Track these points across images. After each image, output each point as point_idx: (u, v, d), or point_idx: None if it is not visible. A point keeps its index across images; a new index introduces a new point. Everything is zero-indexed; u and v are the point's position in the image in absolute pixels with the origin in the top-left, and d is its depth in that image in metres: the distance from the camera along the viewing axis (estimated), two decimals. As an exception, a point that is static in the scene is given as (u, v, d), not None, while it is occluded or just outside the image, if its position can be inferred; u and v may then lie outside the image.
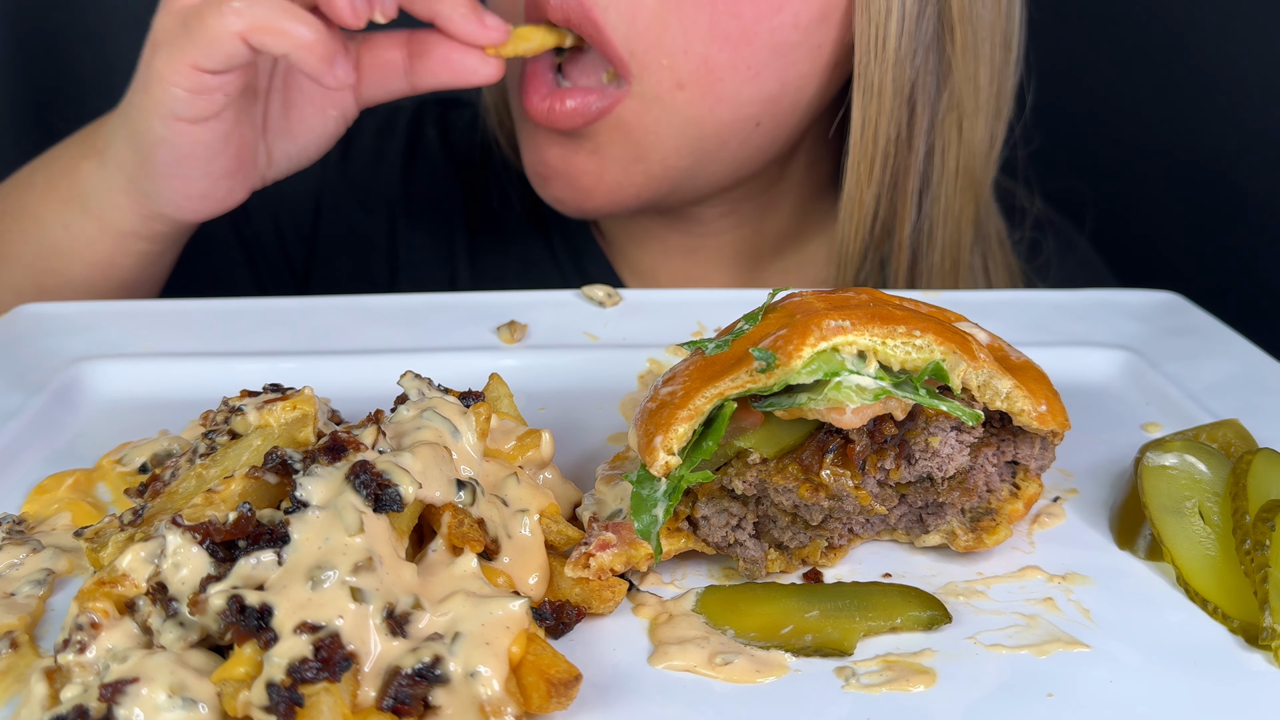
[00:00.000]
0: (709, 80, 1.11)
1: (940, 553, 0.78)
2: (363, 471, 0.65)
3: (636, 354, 1.03)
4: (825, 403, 0.70)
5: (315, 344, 1.04)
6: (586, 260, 1.44)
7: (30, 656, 0.66)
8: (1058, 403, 0.76)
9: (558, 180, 1.20)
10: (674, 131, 1.14)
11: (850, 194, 1.21)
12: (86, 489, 0.83)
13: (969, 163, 1.24)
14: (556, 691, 0.61)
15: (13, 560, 0.73)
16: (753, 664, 0.67)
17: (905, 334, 0.72)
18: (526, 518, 0.73)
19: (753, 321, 0.77)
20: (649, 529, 0.72)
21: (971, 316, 0.83)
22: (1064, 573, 0.76)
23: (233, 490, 0.69)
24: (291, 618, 0.59)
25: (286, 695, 0.56)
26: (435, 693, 0.60)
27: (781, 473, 0.73)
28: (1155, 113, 1.80)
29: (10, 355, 1.00)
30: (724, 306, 1.08)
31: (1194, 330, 1.12)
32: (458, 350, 1.03)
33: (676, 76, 1.11)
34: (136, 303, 1.10)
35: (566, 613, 0.70)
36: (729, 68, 1.11)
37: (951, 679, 0.66)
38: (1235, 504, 0.76)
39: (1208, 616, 0.72)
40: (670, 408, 0.72)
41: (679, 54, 1.09)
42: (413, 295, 1.13)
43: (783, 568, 0.75)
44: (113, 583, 0.63)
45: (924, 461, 0.73)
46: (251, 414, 0.78)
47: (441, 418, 0.74)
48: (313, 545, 0.62)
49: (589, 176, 1.18)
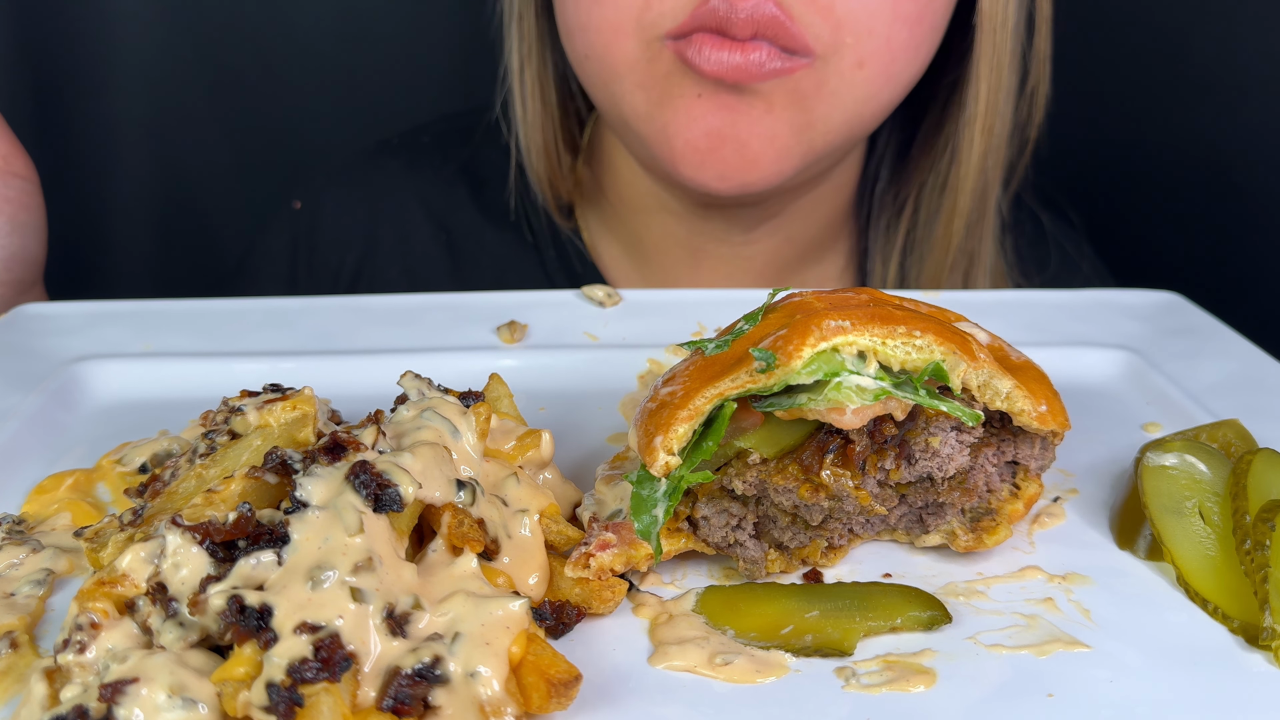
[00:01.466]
0: (888, 59, 1.13)
1: (940, 553, 0.78)
2: (363, 471, 0.65)
3: (636, 354, 1.03)
4: (825, 403, 0.70)
5: (315, 344, 1.04)
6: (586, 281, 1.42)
7: (30, 656, 0.66)
8: (1058, 403, 0.76)
9: (724, 148, 1.12)
10: (844, 107, 1.14)
11: (967, 160, 1.27)
12: (86, 489, 0.83)
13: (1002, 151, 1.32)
14: (556, 691, 0.61)
15: (13, 560, 0.73)
16: (753, 664, 0.67)
17: (905, 334, 0.72)
18: (526, 518, 0.73)
19: (753, 321, 0.77)
20: (649, 529, 0.72)
21: (971, 316, 0.83)
22: (1064, 573, 0.76)
23: (233, 490, 0.69)
24: (291, 618, 0.59)
25: (286, 695, 0.56)
26: (435, 693, 0.60)
27: (781, 473, 0.73)
28: (1155, 112, 1.80)
29: (10, 355, 1.00)
30: (724, 306, 1.08)
31: (1194, 330, 1.12)
32: (458, 350, 1.03)
33: (859, 55, 1.11)
34: (136, 302, 1.10)
35: (566, 613, 0.70)
36: (905, 48, 1.14)
37: (951, 679, 0.66)
38: (1235, 504, 0.76)
39: (1208, 616, 0.72)
40: (670, 408, 0.72)
41: (864, 34, 1.10)
42: (413, 295, 1.13)
43: (783, 568, 0.75)
44: (113, 583, 0.63)
45: (924, 462, 0.73)
46: (251, 414, 0.78)
47: (441, 418, 0.74)
48: (313, 545, 0.62)
49: (760, 139, 1.12)
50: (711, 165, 1.13)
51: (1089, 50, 1.79)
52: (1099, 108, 1.84)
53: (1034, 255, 1.45)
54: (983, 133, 1.26)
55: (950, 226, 1.32)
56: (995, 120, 1.26)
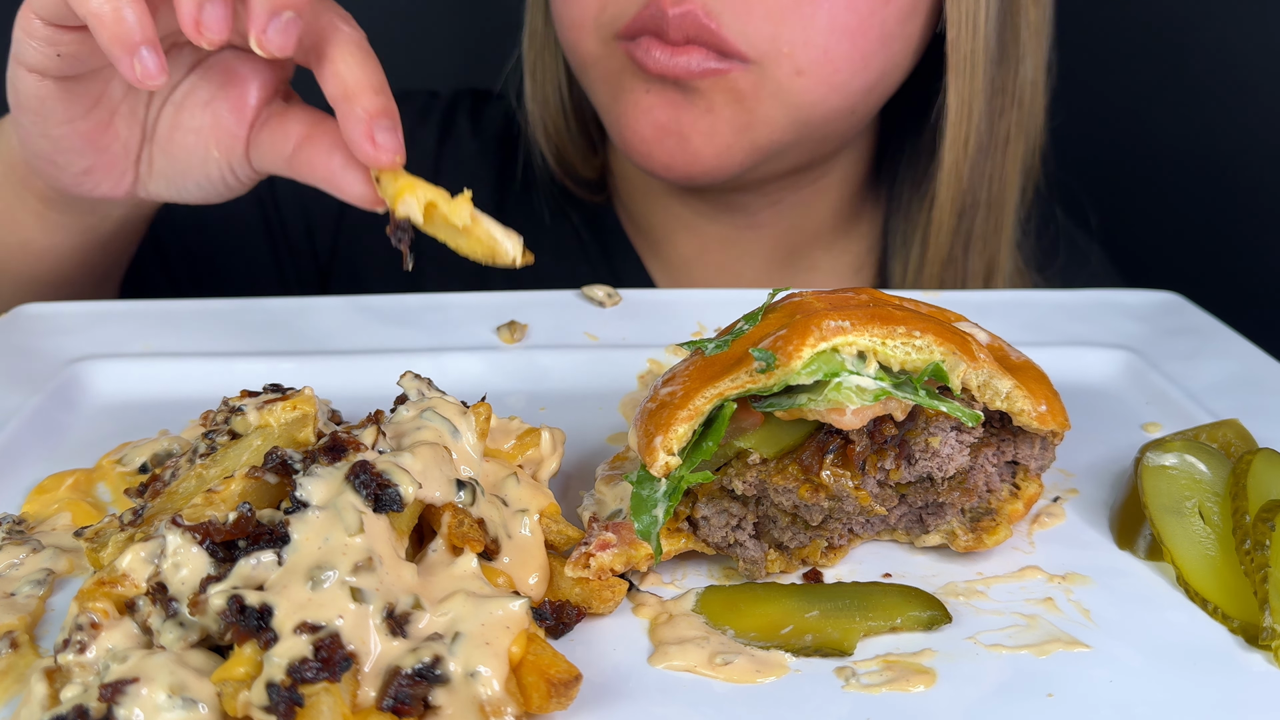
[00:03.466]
0: (828, 70, 1.15)
1: (940, 553, 0.78)
2: (363, 471, 0.65)
3: (636, 354, 1.03)
4: (825, 403, 0.70)
5: (315, 344, 1.04)
6: (616, 255, 1.45)
7: (30, 656, 0.66)
8: (1058, 403, 0.76)
9: (668, 140, 1.20)
10: (785, 111, 1.18)
11: (948, 170, 1.28)
12: (86, 489, 0.83)
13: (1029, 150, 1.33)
14: (556, 691, 0.61)
15: (13, 560, 0.73)
16: (753, 664, 0.67)
17: (905, 334, 0.72)
18: (526, 518, 0.73)
19: (752, 321, 0.77)
20: (649, 529, 0.72)
21: (971, 316, 0.83)
22: (1064, 573, 0.76)
23: (233, 490, 0.69)
24: (291, 618, 0.59)
25: (286, 695, 0.56)
26: (435, 693, 0.60)
27: (781, 473, 0.73)
28: (1156, 112, 1.80)
29: (10, 355, 1.00)
30: (724, 306, 1.08)
31: (1194, 330, 1.12)
32: (458, 350, 1.03)
33: (796, 64, 1.14)
34: (136, 303, 1.10)
35: (566, 613, 0.70)
36: (846, 58, 1.15)
37: (951, 679, 0.66)
38: (1235, 504, 0.76)
39: (1208, 616, 0.72)
40: (670, 408, 0.72)
41: (799, 44, 1.13)
42: (413, 295, 1.13)
43: (783, 568, 0.75)
44: (113, 583, 0.63)
45: (924, 462, 0.73)
46: (251, 414, 0.78)
47: (441, 418, 0.74)
48: (313, 545, 0.62)
49: (701, 136, 1.19)
50: (657, 156, 1.21)
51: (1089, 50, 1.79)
52: (1099, 108, 1.84)
53: (1042, 246, 1.46)
54: (953, 145, 1.27)
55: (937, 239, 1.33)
56: (970, 133, 1.26)
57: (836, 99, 1.19)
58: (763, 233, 1.41)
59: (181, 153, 1.01)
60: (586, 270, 1.43)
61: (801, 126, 1.20)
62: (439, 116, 1.52)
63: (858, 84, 1.19)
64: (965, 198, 1.31)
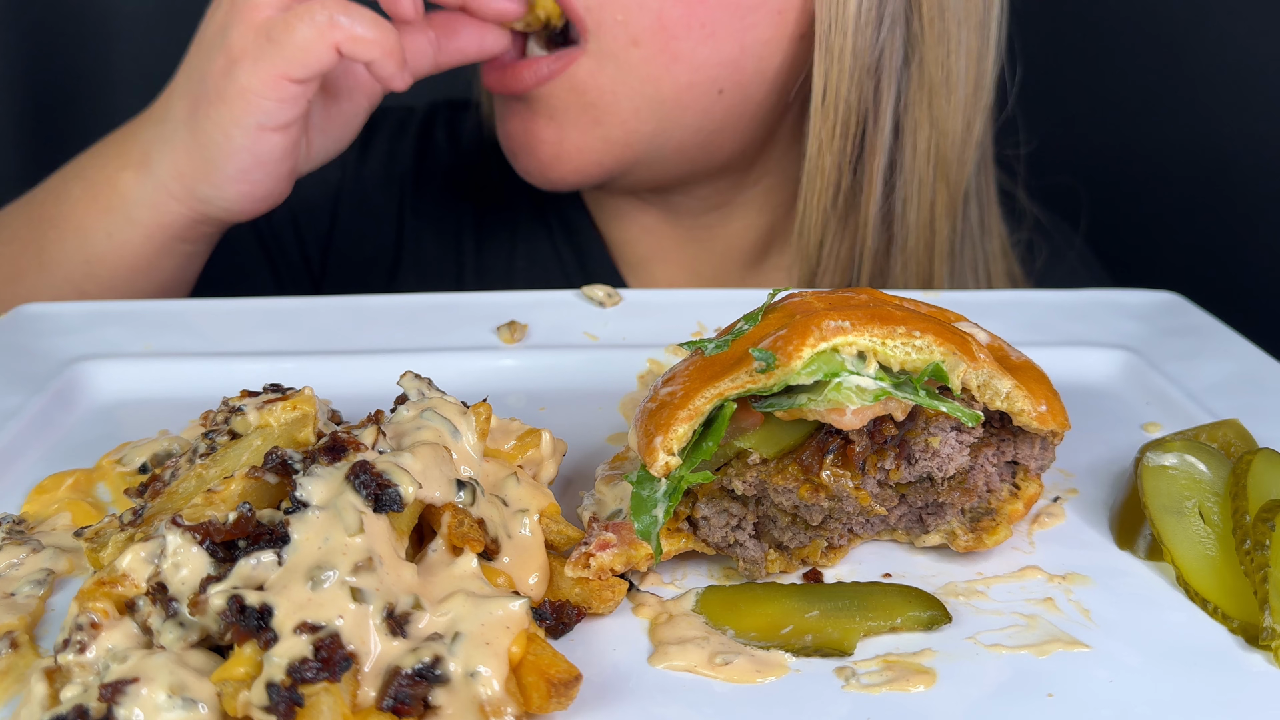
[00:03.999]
0: (664, 37, 1.14)
1: (940, 553, 0.78)
2: (363, 471, 0.65)
3: (636, 354, 1.03)
4: (825, 403, 0.70)
5: (315, 344, 1.04)
6: (590, 260, 1.44)
7: (30, 656, 0.66)
8: (1058, 403, 0.76)
9: (522, 152, 1.24)
10: (630, 91, 1.17)
11: (811, 158, 1.22)
12: (86, 489, 0.83)
13: (942, 147, 1.24)
14: (556, 691, 0.61)
15: (13, 560, 0.73)
16: (753, 664, 0.67)
17: (905, 334, 0.72)
18: (526, 518, 0.73)
19: (753, 321, 0.77)
20: (649, 529, 0.72)
21: (971, 316, 0.83)
22: (1064, 573, 0.76)
23: (233, 490, 0.69)
24: (291, 618, 0.59)
25: (286, 695, 0.56)
26: (435, 693, 0.60)
27: (781, 473, 0.73)
28: (1154, 111, 1.80)
29: (10, 355, 1.00)
30: (724, 306, 1.08)
31: (1194, 330, 1.12)
32: (458, 350, 1.03)
33: (631, 33, 1.14)
34: (136, 303, 1.10)
35: (566, 613, 0.70)
36: (682, 24, 1.14)
37: (951, 679, 0.66)
38: (1235, 504, 0.76)
39: (1208, 616, 0.72)
40: (670, 408, 0.72)
41: (633, 9, 1.13)
42: (413, 295, 1.13)
43: (783, 568, 0.75)
44: (113, 583, 0.63)
45: (924, 462, 0.73)
46: (251, 414, 0.78)
47: (441, 418, 0.74)
48: (313, 545, 0.62)
49: (549, 145, 1.21)
50: (521, 163, 1.26)
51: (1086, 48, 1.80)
52: (1099, 108, 1.84)
53: (1021, 242, 1.44)
54: (815, 135, 1.19)
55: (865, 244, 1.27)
56: (838, 123, 1.19)
57: (683, 71, 1.16)
58: (715, 233, 1.40)
59: (340, 120, 1.15)
60: (560, 276, 1.43)
61: (657, 106, 1.18)
62: (415, 130, 1.53)
63: (704, 54, 1.15)
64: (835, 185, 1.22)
